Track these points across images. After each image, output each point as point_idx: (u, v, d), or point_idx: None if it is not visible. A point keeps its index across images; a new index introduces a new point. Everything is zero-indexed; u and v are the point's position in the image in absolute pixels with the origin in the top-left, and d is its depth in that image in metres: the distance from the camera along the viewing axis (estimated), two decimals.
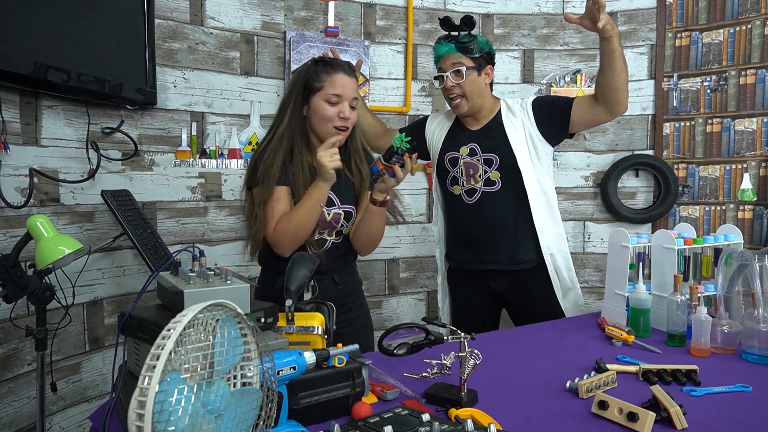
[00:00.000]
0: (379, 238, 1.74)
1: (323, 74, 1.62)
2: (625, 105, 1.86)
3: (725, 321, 1.53)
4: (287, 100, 1.67)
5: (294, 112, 1.64)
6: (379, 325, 2.89)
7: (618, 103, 1.84)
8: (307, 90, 1.63)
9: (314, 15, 2.71)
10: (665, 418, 1.07)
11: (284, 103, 1.68)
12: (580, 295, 2.07)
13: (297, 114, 1.64)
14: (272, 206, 1.59)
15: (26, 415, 1.89)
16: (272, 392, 0.88)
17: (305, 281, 1.33)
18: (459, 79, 1.93)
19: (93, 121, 2.09)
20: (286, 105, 1.66)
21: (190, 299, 1.02)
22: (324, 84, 1.61)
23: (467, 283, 2.11)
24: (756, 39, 2.80)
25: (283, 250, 1.60)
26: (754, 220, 2.84)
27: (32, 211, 1.88)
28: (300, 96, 1.63)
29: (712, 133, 2.92)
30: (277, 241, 1.60)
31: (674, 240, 1.72)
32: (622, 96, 1.83)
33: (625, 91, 1.83)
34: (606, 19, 1.67)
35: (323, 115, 1.61)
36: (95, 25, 1.97)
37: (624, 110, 1.88)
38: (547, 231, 1.99)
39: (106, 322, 2.19)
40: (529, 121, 1.98)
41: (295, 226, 1.57)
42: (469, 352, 1.17)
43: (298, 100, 1.64)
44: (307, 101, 1.63)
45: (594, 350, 1.54)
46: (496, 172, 1.97)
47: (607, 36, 1.72)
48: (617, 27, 1.79)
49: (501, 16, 3.03)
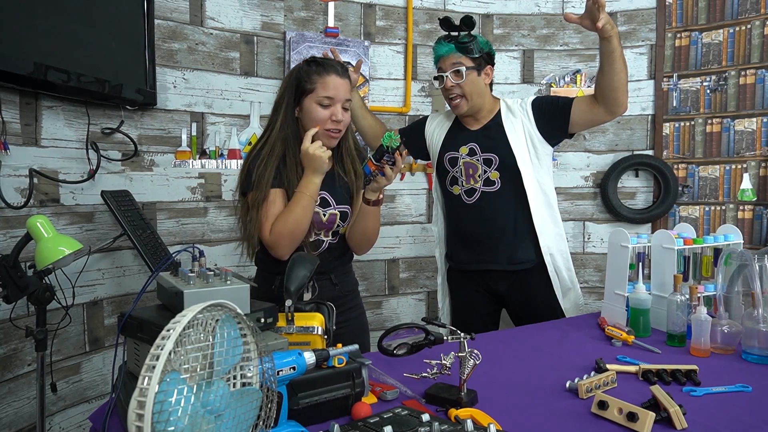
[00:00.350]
0: (374, 237, 1.73)
1: (315, 75, 1.59)
2: (625, 105, 1.86)
3: (725, 321, 1.53)
4: (279, 102, 1.65)
5: (286, 114, 1.62)
6: (379, 326, 2.89)
7: (618, 103, 1.84)
8: (299, 91, 1.61)
9: (314, 15, 2.71)
10: (665, 418, 1.07)
11: (276, 105, 1.66)
12: (580, 295, 2.07)
13: (289, 116, 1.62)
14: (267, 208, 1.57)
15: (26, 415, 1.89)
16: (272, 392, 0.88)
17: (305, 281, 1.33)
18: (459, 79, 1.94)
19: (93, 121, 2.09)
20: (279, 107, 1.64)
21: (189, 299, 1.02)
22: (316, 86, 1.59)
23: (467, 284, 2.11)
24: (756, 39, 2.80)
25: (281, 252, 1.57)
26: (754, 220, 2.84)
27: (32, 211, 1.88)
28: (292, 97, 1.61)
29: (712, 133, 2.92)
30: (275, 243, 1.57)
31: (674, 240, 1.72)
32: (622, 96, 1.83)
33: (625, 91, 1.83)
34: (606, 19, 1.68)
35: (315, 118, 1.59)
36: (95, 26, 1.97)
37: (624, 110, 1.88)
38: (547, 231, 1.99)
39: (106, 323, 2.19)
40: (529, 121, 1.98)
41: (292, 224, 1.55)
42: (468, 352, 1.17)
43: (290, 101, 1.62)
44: (299, 103, 1.61)
45: (594, 350, 1.54)
46: (495, 172, 1.97)
47: (607, 36, 1.72)
48: (617, 27, 1.78)
49: (501, 17, 3.03)
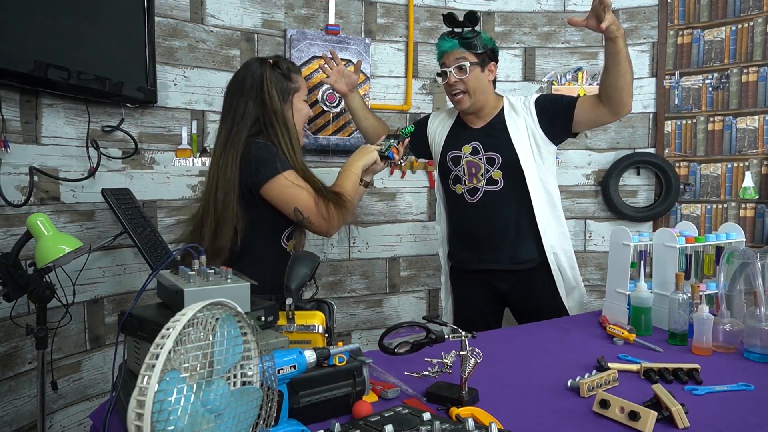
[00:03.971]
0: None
1: (295, 74, 1.64)
2: (629, 106, 1.84)
3: (727, 320, 1.53)
4: (270, 101, 1.60)
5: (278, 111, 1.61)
6: (380, 324, 2.89)
7: (622, 104, 1.82)
8: (287, 89, 1.62)
9: (315, 13, 2.71)
10: (667, 417, 1.07)
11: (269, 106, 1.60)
12: (584, 294, 2.06)
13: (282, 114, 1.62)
14: (302, 187, 1.56)
15: (27, 413, 1.89)
16: (272, 391, 0.88)
17: (306, 280, 1.33)
18: (462, 74, 1.93)
19: (93, 119, 2.08)
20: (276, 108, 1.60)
21: (190, 298, 1.02)
22: (299, 84, 1.63)
23: (470, 282, 2.10)
24: (758, 36, 2.79)
25: (336, 225, 1.61)
26: (756, 218, 2.83)
27: (32, 209, 1.88)
28: (279, 97, 1.61)
29: (714, 131, 2.92)
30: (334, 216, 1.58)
31: (676, 238, 1.72)
32: (627, 97, 1.80)
33: (630, 93, 1.81)
34: (611, 19, 1.65)
35: (305, 114, 1.67)
36: (95, 24, 1.96)
37: (628, 111, 1.86)
38: (551, 230, 1.98)
39: (106, 321, 2.19)
40: (532, 119, 1.97)
41: (353, 194, 1.64)
42: (470, 350, 1.17)
43: (277, 96, 1.60)
44: (289, 102, 1.64)
45: (595, 349, 1.54)
46: (498, 171, 1.97)
47: (613, 36, 1.70)
48: (623, 27, 1.77)
49: (502, 14, 3.02)
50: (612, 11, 1.66)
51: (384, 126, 2.24)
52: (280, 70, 1.62)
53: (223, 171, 1.55)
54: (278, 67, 1.62)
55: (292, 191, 1.54)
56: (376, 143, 1.80)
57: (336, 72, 2.15)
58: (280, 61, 1.64)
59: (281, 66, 1.62)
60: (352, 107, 2.21)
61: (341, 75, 2.15)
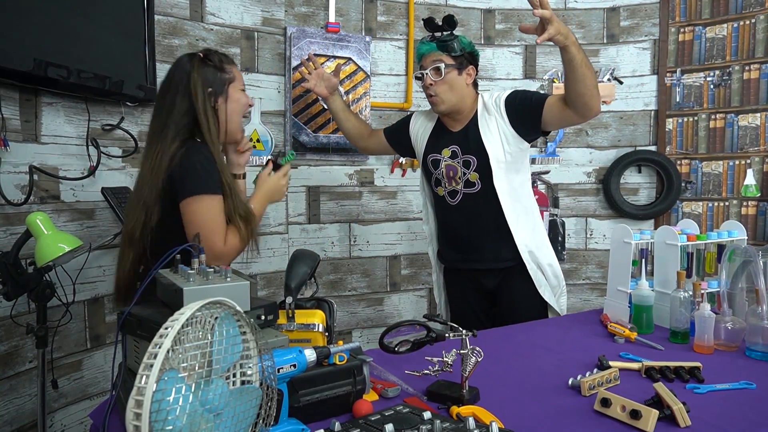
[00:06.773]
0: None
1: (228, 65, 1.58)
2: (597, 108, 1.79)
3: (729, 318, 1.52)
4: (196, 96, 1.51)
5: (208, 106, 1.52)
6: (381, 322, 2.89)
7: (587, 108, 1.78)
8: (220, 81, 1.55)
9: (315, 11, 2.70)
10: (668, 416, 1.06)
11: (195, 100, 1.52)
12: (564, 292, 2.05)
13: (212, 108, 1.54)
14: (220, 217, 1.46)
15: (27, 412, 1.89)
16: (272, 390, 0.88)
17: (306, 278, 1.33)
18: (438, 76, 1.93)
19: (93, 117, 2.08)
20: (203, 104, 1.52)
21: (189, 297, 1.02)
22: (234, 74, 1.58)
23: (460, 281, 2.13)
24: (760, 33, 2.78)
25: (227, 261, 1.50)
26: (758, 216, 2.82)
27: (32, 208, 1.88)
28: (204, 91, 1.52)
29: (716, 129, 2.91)
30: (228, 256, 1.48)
31: (677, 236, 1.71)
32: (591, 100, 1.76)
33: (594, 95, 1.75)
34: (555, 30, 1.62)
35: (244, 104, 1.60)
36: (95, 22, 1.96)
37: (596, 113, 1.81)
38: (521, 228, 1.97)
39: (107, 320, 2.19)
40: (502, 118, 1.95)
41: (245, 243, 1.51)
42: (470, 349, 1.16)
43: (211, 93, 1.53)
44: (223, 93, 1.56)
45: (596, 347, 1.53)
46: (474, 174, 1.96)
47: (562, 45, 1.68)
48: (573, 35, 1.73)
49: (503, 12, 3.01)
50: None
51: (366, 126, 2.25)
52: (212, 62, 1.56)
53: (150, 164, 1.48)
54: (209, 59, 1.57)
55: (203, 218, 1.43)
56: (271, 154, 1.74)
57: (315, 75, 2.17)
58: (210, 54, 1.58)
59: (212, 59, 1.57)
60: (333, 109, 2.23)
61: (320, 78, 2.17)
